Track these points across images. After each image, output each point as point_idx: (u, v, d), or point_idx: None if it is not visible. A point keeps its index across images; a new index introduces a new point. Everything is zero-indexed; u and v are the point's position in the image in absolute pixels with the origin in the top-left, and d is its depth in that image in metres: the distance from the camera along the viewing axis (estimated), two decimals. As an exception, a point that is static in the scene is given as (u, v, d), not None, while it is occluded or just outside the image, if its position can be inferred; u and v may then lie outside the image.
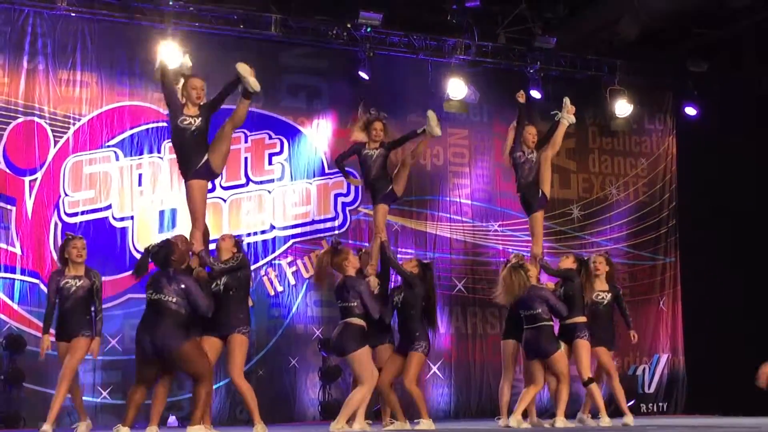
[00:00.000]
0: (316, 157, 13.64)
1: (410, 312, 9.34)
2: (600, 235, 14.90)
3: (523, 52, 14.44)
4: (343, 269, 8.97)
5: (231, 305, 8.41)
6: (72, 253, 9.18)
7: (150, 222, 12.62)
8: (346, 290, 8.82)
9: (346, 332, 8.73)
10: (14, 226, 11.96)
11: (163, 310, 7.68)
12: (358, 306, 8.75)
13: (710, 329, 14.54)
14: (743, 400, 13.51)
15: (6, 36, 12.21)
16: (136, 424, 8.07)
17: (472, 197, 14.42)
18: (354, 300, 8.75)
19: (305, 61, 13.82)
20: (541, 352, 9.69)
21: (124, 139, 12.66)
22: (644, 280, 15.15)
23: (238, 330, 8.37)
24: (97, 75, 12.62)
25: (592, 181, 15.24)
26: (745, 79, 15.07)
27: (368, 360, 8.78)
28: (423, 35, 14.10)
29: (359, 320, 8.75)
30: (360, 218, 13.69)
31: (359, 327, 8.75)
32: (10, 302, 11.81)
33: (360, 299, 8.75)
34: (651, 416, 14.33)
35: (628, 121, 15.03)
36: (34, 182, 12.14)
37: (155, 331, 7.66)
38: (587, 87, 15.00)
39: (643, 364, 14.93)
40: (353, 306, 8.75)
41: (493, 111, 14.71)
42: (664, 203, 15.43)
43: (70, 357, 9.01)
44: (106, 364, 12.12)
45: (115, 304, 12.23)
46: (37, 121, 12.25)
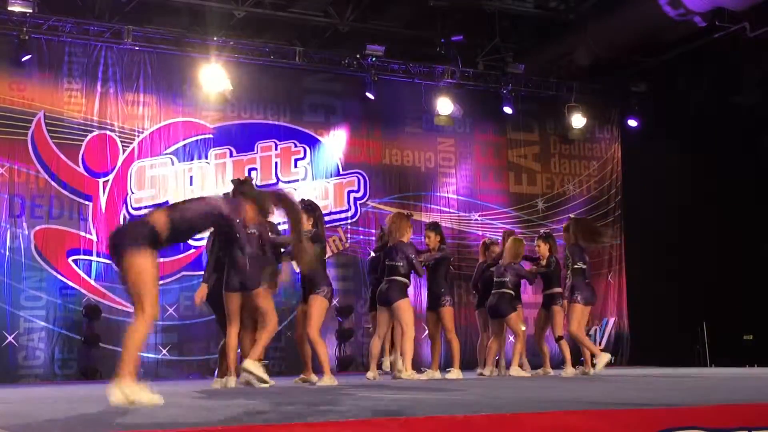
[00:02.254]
0: (333, 162, 13.60)
1: (438, 274, 9.23)
2: (560, 223, 14.76)
3: (498, 76, 14.38)
4: (402, 232, 8.64)
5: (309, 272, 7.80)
6: None
7: (200, 214, 12.58)
8: (396, 252, 8.53)
9: (392, 286, 8.47)
10: (91, 218, 11.97)
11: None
12: (404, 266, 8.48)
13: (648, 297, 14.52)
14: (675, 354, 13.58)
15: (84, 66, 12.20)
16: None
17: (458, 193, 14.39)
18: (401, 261, 8.48)
19: (323, 85, 13.78)
20: (498, 313, 9.69)
21: (178, 148, 12.65)
22: (595, 259, 14.96)
23: (315, 292, 7.90)
24: (156, 96, 12.60)
25: (553, 179, 15.18)
26: (675, 97, 15.02)
27: (409, 309, 8.52)
28: (418, 63, 14.05)
29: (403, 278, 8.51)
30: (368, 210, 13.66)
31: (403, 283, 8.51)
32: (88, 279, 11.82)
33: (407, 261, 8.49)
34: (601, 367, 14.28)
35: (582, 132, 14.97)
36: (107, 183, 12.14)
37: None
38: (549, 104, 14.97)
39: (594, 326, 14.89)
40: (399, 266, 8.49)
41: (474, 123, 14.67)
42: (611, 197, 15.37)
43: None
44: (166, 328, 12.13)
45: (172, 280, 12.25)
46: (108, 134, 12.24)
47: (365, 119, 13.84)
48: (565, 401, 4.57)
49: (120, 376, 4.57)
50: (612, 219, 15.24)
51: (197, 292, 7.85)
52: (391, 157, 13.99)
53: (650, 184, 14.85)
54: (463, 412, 3.57)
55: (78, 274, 11.76)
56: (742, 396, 4.87)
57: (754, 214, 14.53)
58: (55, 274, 11.65)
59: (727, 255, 14.60)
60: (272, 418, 3.71)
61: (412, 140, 14.19)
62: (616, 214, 15.28)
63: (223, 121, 12.94)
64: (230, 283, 7.42)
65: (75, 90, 12.12)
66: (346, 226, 13.27)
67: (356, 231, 13.40)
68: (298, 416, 3.77)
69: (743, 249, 14.54)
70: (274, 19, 13.13)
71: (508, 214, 14.54)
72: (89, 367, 11.48)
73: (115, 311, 11.83)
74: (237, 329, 7.46)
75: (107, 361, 11.66)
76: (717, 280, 14.44)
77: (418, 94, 14.14)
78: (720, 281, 14.43)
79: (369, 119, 13.87)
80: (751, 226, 14.54)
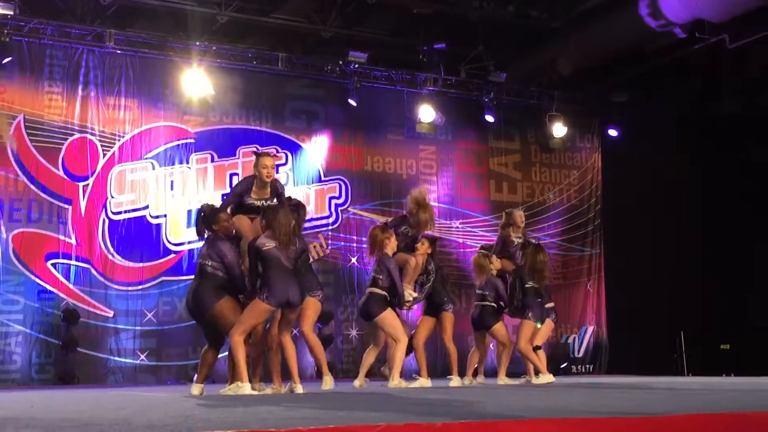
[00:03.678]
0: (315, 168, 13.60)
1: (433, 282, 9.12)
2: (540, 231, 14.90)
3: (480, 85, 14.43)
4: (383, 246, 8.44)
5: (301, 272, 7.50)
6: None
7: (179, 219, 12.55)
8: (377, 264, 8.38)
9: (370, 300, 8.31)
10: (71, 221, 11.89)
11: (201, 272, 7.20)
12: (384, 280, 8.30)
13: (627, 306, 14.58)
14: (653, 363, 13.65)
15: (65, 69, 12.13)
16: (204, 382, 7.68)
17: (439, 200, 14.39)
18: (381, 274, 8.32)
19: (306, 91, 13.79)
20: (482, 325, 9.72)
21: (159, 152, 12.60)
22: (575, 267, 15.19)
23: (310, 294, 7.62)
24: (137, 100, 12.55)
25: (534, 188, 15.23)
26: (656, 107, 15.14)
27: (394, 319, 8.38)
28: (400, 71, 14.08)
29: (381, 291, 8.31)
30: (349, 216, 13.66)
31: (381, 296, 8.31)
32: (67, 282, 11.75)
33: (388, 274, 8.32)
34: (580, 375, 14.36)
35: (563, 141, 15.03)
36: (87, 187, 12.07)
37: (193, 292, 7.22)
38: (531, 113, 15.04)
39: (573, 334, 14.96)
40: (379, 278, 8.30)
41: (455, 131, 14.71)
42: (591, 206, 15.44)
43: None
44: (144, 333, 12.07)
45: (152, 285, 12.21)
46: (89, 137, 12.17)
47: (347, 126, 13.86)
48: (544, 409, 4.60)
49: None
50: (592, 228, 15.31)
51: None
52: (372, 164, 14.01)
53: (630, 194, 14.94)
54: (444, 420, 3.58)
55: (56, 278, 11.68)
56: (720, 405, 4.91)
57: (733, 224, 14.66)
58: (33, 278, 11.56)
59: (706, 264, 14.73)
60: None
61: (394, 147, 14.22)
62: (595, 223, 15.34)
63: (205, 126, 12.92)
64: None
65: (56, 93, 12.06)
66: (327, 232, 13.25)
67: (337, 237, 13.39)
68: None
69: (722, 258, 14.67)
70: (257, 25, 13.13)
71: (488, 222, 14.57)
72: (67, 372, 11.40)
73: (93, 315, 11.78)
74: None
75: (85, 365, 11.64)
76: (695, 289, 14.56)
77: (400, 102, 14.16)
78: (698, 290, 14.55)
79: (351, 126, 13.88)
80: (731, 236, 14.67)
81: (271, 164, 7.62)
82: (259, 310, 7.04)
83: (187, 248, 12.42)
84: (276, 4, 12.79)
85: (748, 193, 14.69)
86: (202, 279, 7.20)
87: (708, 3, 11.57)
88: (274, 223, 7.08)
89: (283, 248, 7.05)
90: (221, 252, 7.16)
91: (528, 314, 9.53)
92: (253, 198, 7.54)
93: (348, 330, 13.36)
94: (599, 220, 15.36)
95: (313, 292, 7.72)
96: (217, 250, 7.18)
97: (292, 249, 7.13)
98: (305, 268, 7.68)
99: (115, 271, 12.02)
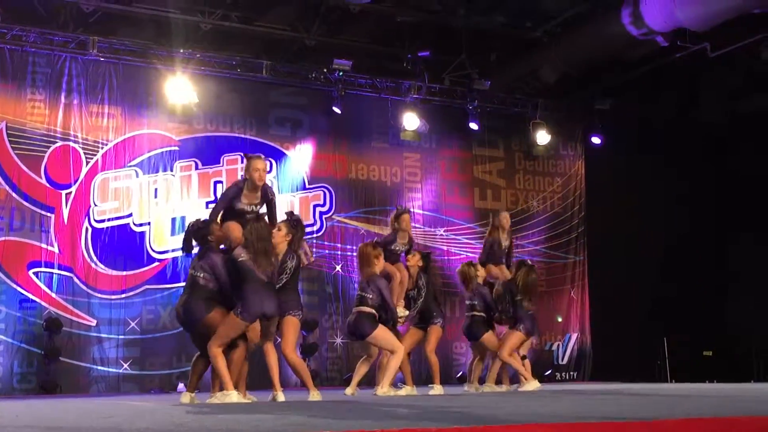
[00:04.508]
0: (299, 175, 13.59)
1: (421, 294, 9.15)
2: (524, 239, 14.95)
3: (464, 93, 14.45)
4: (371, 263, 8.34)
5: (284, 290, 7.41)
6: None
7: (164, 227, 12.51)
8: (367, 283, 8.26)
9: (360, 319, 8.20)
10: (53, 229, 11.81)
11: (193, 284, 7.10)
12: (373, 298, 8.20)
13: (611, 314, 14.65)
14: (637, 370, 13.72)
15: (47, 76, 12.07)
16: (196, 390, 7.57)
17: (423, 207, 14.43)
18: (371, 293, 8.20)
19: (290, 98, 13.78)
20: (472, 336, 9.77)
21: (143, 160, 12.55)
22: (558, 275, 15.23)
23: (289, 313, 7.44)
24: (121, 108, 12.50)
25: (518, 195, 15.27)
26: (638, 114, 15.25)
27: (386, 333, 8.29)
28: (384, 78, 14.11)
29: (370, 309, 8.21)
30: (334, 224, 13.66)
31: (371, 314, 8.20)
32: (49, 291, 11.66)
33: (378, 294, 8.22)
34: (564, 383, 14.39)
35: (546, 148, 15.09)
36: (70, 195, 11.99)
37: (184, 303, 7.13)
38: (515, 120, 15.10)
39: (557, 342, 15.01)
40: (369, 297, 8.19)
41: (440, 139, 14.75)
42: (574, 213, 15.51)
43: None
44: (128, 342, 12.00)
45: (135, 293, 12.15)
46: (72, 145, 12.11)
47: (332, 133, 13.86)
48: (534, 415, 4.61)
49: None
50: (575, 235, 15.38)
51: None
52: (357, 172, 14.01)
53: (613, 201, 15.03)
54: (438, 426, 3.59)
55: (38, 287, 11.59)
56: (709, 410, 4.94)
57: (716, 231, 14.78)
58: (15, 287, 11.47)
59: (689, 271, 14.83)
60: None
61: (379, 155, 14.23)
62: (579, 230, 15.40)
63: (189, 133, 12.88)
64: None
65: (38, 101, 12.00)
66: (312, 240, 13.23)
67: (322, 245, 13.37)
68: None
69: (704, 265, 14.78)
70: (241, 33, 13.10)
71: (472, 229, 14.61)
72: (49, 381, 11.31)
73: (76, 324, 11.70)
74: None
75: (68, 375, 11.55)
76: (678, 296, 14.65)
77: (384, 109, 14.18)
78: (681, 298, 14.65)
79: (335, 133, 13.89)
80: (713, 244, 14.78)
81: (263, 167, 7.45)
82: (233, 324, 6.97)
83: (170, 256, 12.37)
84: (260, 12, 12.77)
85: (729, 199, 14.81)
86: (193, 290, 7.13)
87: (689, 12, 11.65)
88: (249, 236, 7.04)
89: (258, 261, 6.98)
90: (213, 264, 7.10)
91: (519, 327, 9.54)
92: (243, 203, 7.39)
93: (333, 338, 13.34)
94: (583, 228, 15.43)
95: (293, 311, 7.51)
96: (210, 261, 7.11)
97: (268, 262, 7.03)
98: (290, 286, 7.53)
99: (98, 279, 11.95)
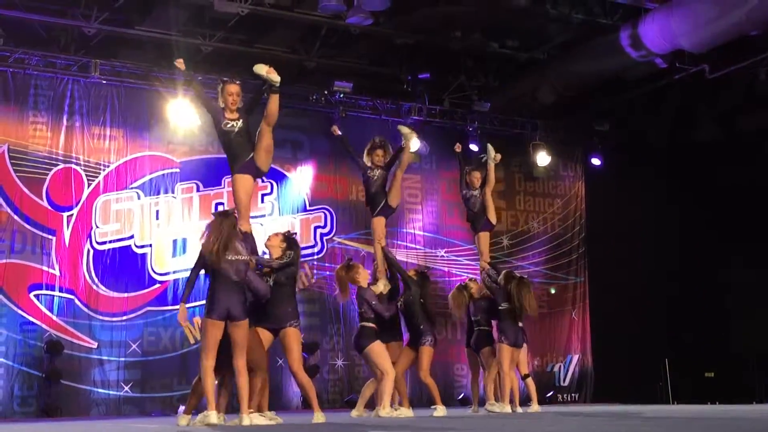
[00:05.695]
0: (300, 197, 13.63)
1: (412, 310, 8.89)
2: (524, 260, 14.99)
3: (464, 114, 14.55)
4: (356, 282, 8.50)
5: (282, 299, 7.43)
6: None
7: (165, 249, 12.52)
8: (359, 299, 8.46)
9: (360, 333, 8.39)
10: (54, 252, 11.82)
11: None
12: (367, 311, 8.36)
13: (613, 335, 14.66)
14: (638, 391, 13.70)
15: (49, 99, 12.13)
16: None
17: (424, 229, 14.46)
18: (363, 307, 8.39)
19: (291, 120, 13.72)
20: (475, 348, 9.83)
21: (145, 182, 12.58)
22: (559, 296, 15.24)
23: (290, 324, 7.44)
24: (123, 130, 12.55)
25: (518, 216, 15.31)
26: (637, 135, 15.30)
27: (382, 351, 8.36)
28: (385, 100, 14.18)
29: (370, 323, 8.35)
30: (335, 246, 13.68)
31: (370, 328, 8.34)
32: (50, 314, 11.66)
33: (369, 306, 8.39)
34: (565, 404, 14.38)
35: (546, 169, 15.14)
36: (71, 217, 12.01)
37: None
38: (514, 142, 15.10)
39: (558, 363, 15.00)
40: (364, 312, 8.38)
41: (440, 160, 14.77)
42: (575, 234, 15.54)
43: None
44: (129, 364, 11.97)
45: (137, 315, 12.15)
46: (74, 167, 12.15)
47: (332, 155, 13.89)
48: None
49: None
50: (576, 256, 15.40)
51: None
52: (357, 193, 13.98)
53: (613, 222, 15.06)
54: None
55: (39, 310, 11.59)
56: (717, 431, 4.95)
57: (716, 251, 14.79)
58: (16, 310, 11.47)
59: (690, 292, 14.83)
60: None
61: (379, 176, 14.22)
62: (580, 251, 15.43)
63: (190, 155, 12.92)
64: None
65: (40, 123, 12.04)
66: (313, 261, 13.24)
67: (323, 267, 13.38)
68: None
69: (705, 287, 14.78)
70: (242, 55, 13.13)
71: (473, 250, 14.54)
72: (50, 404, 11.28)
73: (77, 347, 11.69)
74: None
75: (68, 398, 11.51)
76: (679, 317, 14.66)
77: (385, 131, 14.14)
78: (682, 318, 14.65)
79: (336, 155, 13.88)
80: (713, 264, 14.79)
81: (236, 91, 7.67)
82: (207, 328, 6.76)
83: (172, 278, 12.38)
84: (260, 34, 12.85)
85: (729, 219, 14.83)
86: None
87: (688, 34, 11.76)
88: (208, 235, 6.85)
89: (217, 260, 6.75)
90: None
91: (501, 338, 9.45)
92: (227, 119, 7.64)
93: (334, 360, 13.33)
94: (583, 249, 15.46)
95: (293, 322, 7.49)
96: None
97: (231, 261, 6.77)
98: (286, 296, 7.51)
99: (100, 301, 11.94)
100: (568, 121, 15.40)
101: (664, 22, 11.84)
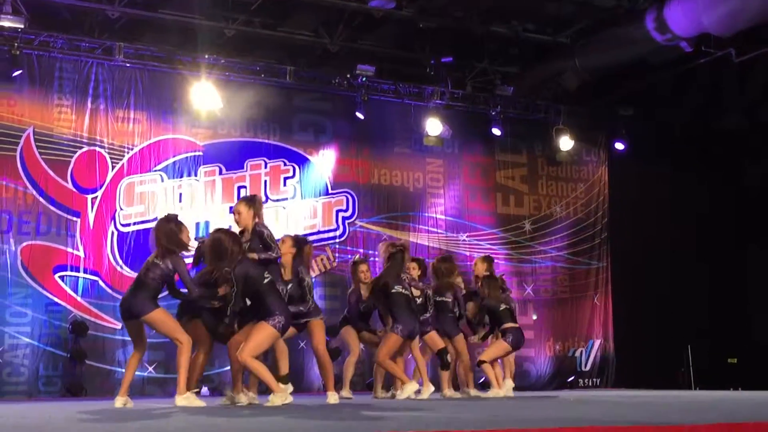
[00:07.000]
0: (322, 180, 13.66)
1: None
2: (546, 245, 14.98)
3: (487, 98, 14.51)
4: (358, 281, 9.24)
5: (302, 298, 8.10)
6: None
7: (188, 232, 12.59)
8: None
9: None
10: (79, 234, 11.93)
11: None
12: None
13: (635, 320, 14.65)
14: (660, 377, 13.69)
15: (74, 82, 12.21)
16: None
17: (446, 213, 14.47)
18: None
19: (313, 104, 13.85)
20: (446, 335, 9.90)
21: (168, 165, 12.66)
22: (581, 281, 15.22)
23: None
24: (146, 113, 12.62)
25: (540, 201, 15.29)
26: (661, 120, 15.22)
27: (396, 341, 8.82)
28: (407, 84, 14.15)
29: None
30: (356, 229, 13.72)
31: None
32: (75, 295, 11.78)
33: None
34: (587, 389, 14.40)
35: (569, 154, 15.09)
36: (95, 199, 12.12)
37: None
38: (538, 126, 15.10)
39: (580, 348, 15.00)
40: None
41: (462, 144, 14.77)
42: (597, 219, 15.51)
43: None
44: (152, 345, 11.95)
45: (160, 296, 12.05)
46: (98, 150, 12.23)
47: (354, 139, 13.92)
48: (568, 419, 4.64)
49: None
50: (598, 241, 15.37)
51: None
52: (379, 177, 14.07)
53: (636, 207, 15.01)
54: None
55: (64, 291, 11.72)
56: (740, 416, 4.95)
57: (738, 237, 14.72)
58: (42, 291, 11.60)
59: (713, 278, 14.78)
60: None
61: (401, 160, 14.28)
62: (602, 237, 15.39)
63: (213, 138, 12.99)
64: None
65: (65, 106, 12.13)
66: (335, 245, 13.32)
67: (344, 250, 13.44)
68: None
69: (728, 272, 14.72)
70: (264, 38, 13.20)
71: (495, 235, 14.64)
72: (74, 384, 11.43)
73: (101, 328, 11.81)
74: None
75: (93, 378, 11.66)
76: (702, 302, 14.62)
77: (407, 115, 14.24)
78: (705, 304, 14.61)
79: (358, 139, 13.95)
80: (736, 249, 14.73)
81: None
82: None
83: (195, 260, 12.44)
84: (283, 17, 12.87)
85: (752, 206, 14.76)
86: None
87: (714, 17, 11.64)
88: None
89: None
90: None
91: (508, 338, 9.57)
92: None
93: (355, 343, 13.36)
94: (606, 234, 15.41)
95: (319, 315, 8.13)
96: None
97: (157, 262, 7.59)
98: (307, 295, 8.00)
99: (124, 282, 12.00)
100: (591, 105, 15.33)
101: (690, 5, 11.73)
